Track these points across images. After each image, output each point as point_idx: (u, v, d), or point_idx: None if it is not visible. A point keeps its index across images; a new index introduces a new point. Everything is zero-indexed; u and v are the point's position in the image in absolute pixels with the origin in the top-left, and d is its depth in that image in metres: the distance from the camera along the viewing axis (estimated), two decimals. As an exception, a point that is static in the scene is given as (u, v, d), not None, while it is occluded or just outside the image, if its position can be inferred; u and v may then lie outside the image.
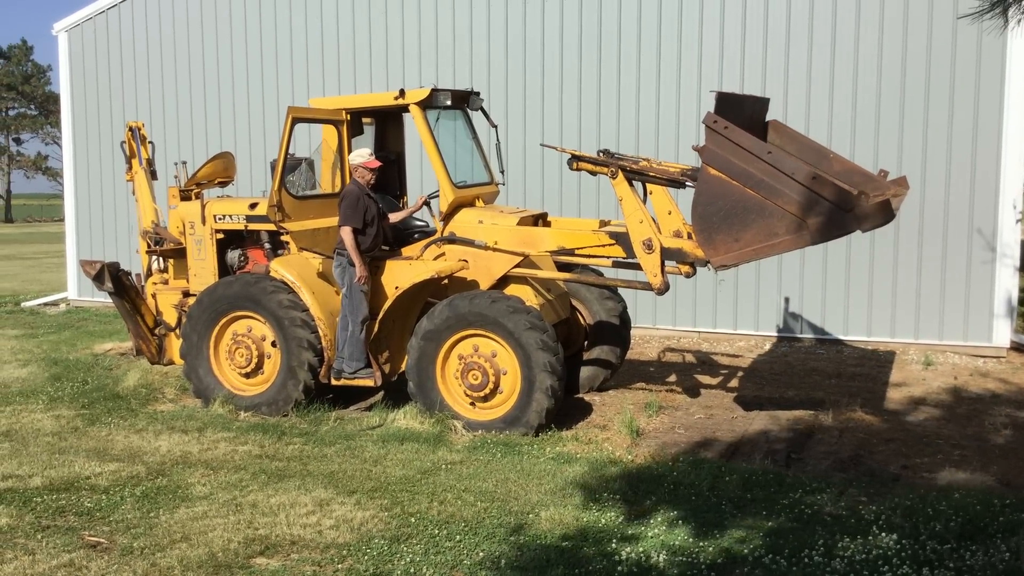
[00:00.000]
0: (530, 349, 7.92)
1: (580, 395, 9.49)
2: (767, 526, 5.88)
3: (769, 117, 8.06)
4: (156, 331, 9.84)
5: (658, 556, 5.37)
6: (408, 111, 8.91)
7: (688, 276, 7.86)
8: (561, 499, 6.47)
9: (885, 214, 6.61)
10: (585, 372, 9.52)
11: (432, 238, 8.82)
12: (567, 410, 8.65)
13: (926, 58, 11.18)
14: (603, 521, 6.02)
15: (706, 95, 12.03)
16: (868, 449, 7.72)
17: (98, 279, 9.65)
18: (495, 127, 9.56)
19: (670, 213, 7.81)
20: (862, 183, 7.19)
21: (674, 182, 7.76)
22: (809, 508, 6.18)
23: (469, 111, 9.59)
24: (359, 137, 9.59)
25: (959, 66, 11.05)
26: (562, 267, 9.03)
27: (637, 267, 8.17)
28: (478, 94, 9.38)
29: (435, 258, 8.71)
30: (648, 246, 7.79)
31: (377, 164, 8.73)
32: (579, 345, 9.55)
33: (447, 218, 8.77)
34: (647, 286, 7.93)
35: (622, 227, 8.13)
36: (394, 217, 9.18)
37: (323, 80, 14.09)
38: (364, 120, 9.67)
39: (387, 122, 9.99)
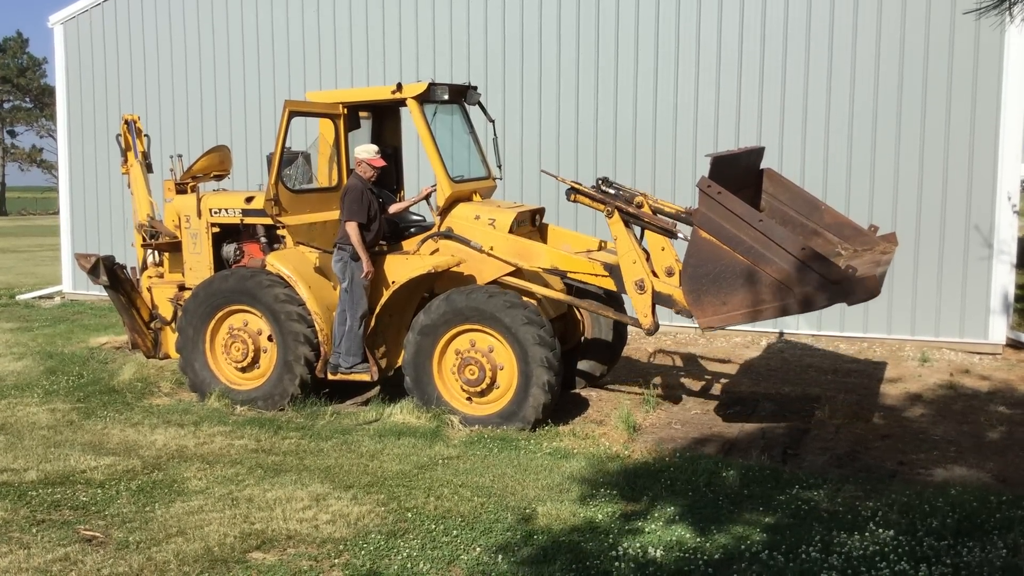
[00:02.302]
0: (527, 344, 7.90)
1: (577, 390, 9.48)
2: (764, 522, 5.88)
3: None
4: (152, 325, 9.81)
5: (655, 552, 5.36)
6: (405, 105, 8.88)
7: (678, 312, 7.84)
8: (558, 494, 6.47)
9: (872, 290, 6.72)
10: (582, 368, 9.50)
11: (429, 233, 8.80)
12: (564, 405, 8.65)
13: (923, 53, 11.17)
14: (600, 517, 6.02)
15: (703, 93, 12.03)
16: (865, 445, 7.73)
17: (93, 272, 9.62)
18: (492, 122, 9.54)
19: (663, 249, 7.87)
20: (851, 237, 7.29)
21: (668, 232, 7.83)
22: (806, 504, 6.18)
23: (466, 105, 9.56)
24: (357, 131, 9.56)
25: (956, 61, 11.04)
26: None
27: None
28: (475, 88, 9.36)
29: (431, 253, 8.69)
30: (640, 287, 7.83)
31: (382, 163, 8.70)
32: (576, 341, 9.54)
33: (444, 212, 8.75)
34: (637, 322, 7.94)
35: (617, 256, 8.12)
36: (394, 208, 9.16)
37: (320, 74, 14.05)
38: (361, 114, 9.64)
39: (384, 116, 9.96)
